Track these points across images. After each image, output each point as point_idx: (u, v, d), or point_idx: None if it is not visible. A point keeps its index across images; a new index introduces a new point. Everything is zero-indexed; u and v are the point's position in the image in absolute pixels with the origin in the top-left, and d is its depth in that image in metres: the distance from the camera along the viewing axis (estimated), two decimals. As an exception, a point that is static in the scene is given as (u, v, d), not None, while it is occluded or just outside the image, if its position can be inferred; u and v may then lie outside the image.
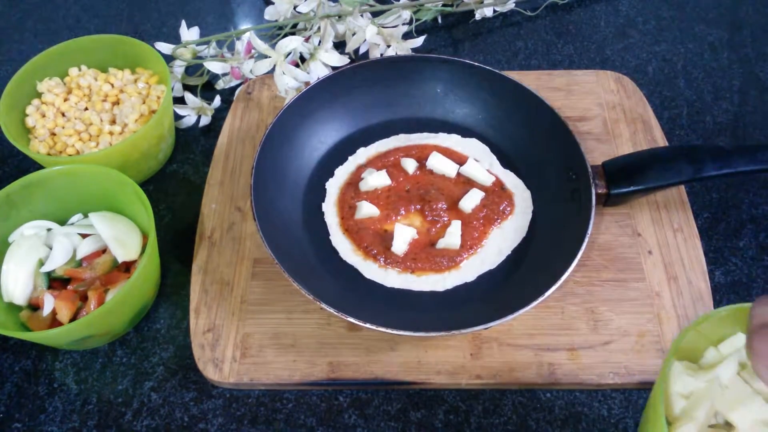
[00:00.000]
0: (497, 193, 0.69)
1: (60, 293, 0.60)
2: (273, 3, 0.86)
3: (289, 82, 0.77)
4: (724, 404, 0.46)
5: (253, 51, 0.80)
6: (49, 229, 0.64)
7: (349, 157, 0.73)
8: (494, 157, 0.73)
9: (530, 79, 0.80)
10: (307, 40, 0.81)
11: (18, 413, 0.59)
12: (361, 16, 0.83)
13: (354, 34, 0.83)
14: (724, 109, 0.81)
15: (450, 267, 0.64)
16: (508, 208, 0.68)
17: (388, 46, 0.84)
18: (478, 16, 0.91)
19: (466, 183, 0.70)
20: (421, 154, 0.72)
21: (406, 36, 0.85)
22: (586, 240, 0.59)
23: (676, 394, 0.47)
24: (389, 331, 0.55)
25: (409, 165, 0.71)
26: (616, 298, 0.63)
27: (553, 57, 0.87)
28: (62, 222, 0.66)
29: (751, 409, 0.45)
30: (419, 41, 0.84)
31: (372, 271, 0.65)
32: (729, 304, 0.63)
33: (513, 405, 0.58)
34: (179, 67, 0.82)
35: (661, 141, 0.75)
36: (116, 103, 0.74)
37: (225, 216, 0.70)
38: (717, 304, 0.63)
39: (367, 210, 0.67)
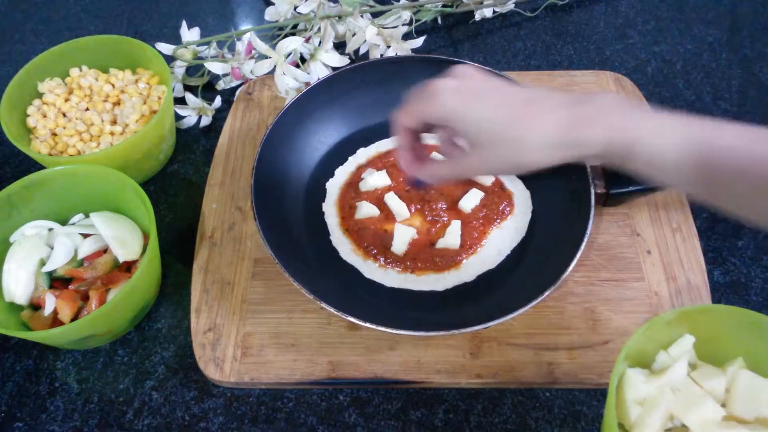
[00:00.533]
0: (497, 193, 0.69)
1: (61, 293, 0.60)
2: (273, 4, 0.87)
3: (290, 83, 0.78)
4: (678, 407, 0.46)
5: (253, 51, 0.80)
6: (50, 229, 0.64)
7: (349, 157, 0.73)
8: (494, 158, 0.73)
9: (530, 80, 0.81)
10: (307, 40, 0.81)
11: (19, 412, 0.59)
12: (361, 16, 0.83)
13: (354, 35, 0.83)
14: (723, 109, 0.81)
15: (450, 267, 0.65)
16: (508, 208, 0.68)
17: (388, 47, 0.84)
18: (477, 16, 0.91)
19: (465, 183, 0.70)
20: (421, 155, 0.72)
21: (406, 36, 0.86)
22: (586, 240, 0.59)
23: (630, 402, 0.47)
24: (389, 330, 0.55)
25: (409, 165, 0.71)
26: (615, 298, 0.63)
27: (552, 57, 0.88)
28: (63, 222, 0.66)
29: (703, 410, 0.46)
30: (419, 42, 0.85)
31: (372, 270, 0.65)
32: (727, 304, 0.64)
33: (512, 404, 0.59)
34: (180, 67, 0.82)
35: (660, 141, 0.75)
36: (117, 103, 0.74)
37: (226, 216, 0.70)
38: (715, 303, 0.63)
39: (367, 210, 0.68)
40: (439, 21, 0.92)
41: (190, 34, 0.83)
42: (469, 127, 0.47)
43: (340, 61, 0.80)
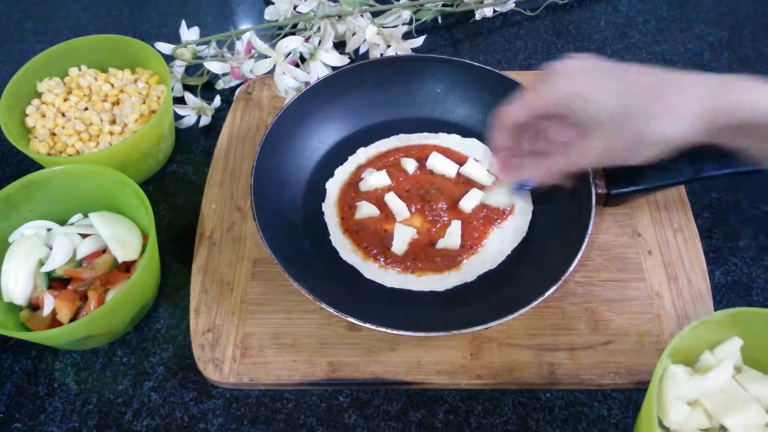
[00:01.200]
0: (497, 193, 0.69)
1: (60, 293, 0.60)
2: (273, 3, 0.86)
3: (289, 82, 0.77)
4: (719, 408, 0.46)
5: (253, 51, 0.80)
6: (49, 229, 0.64)
7: (349, 157, 0.73)
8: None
9: (530, 79, 0.80)
10: (307, 40, 0.81)
11: (18, 413, 0.59)
12: (361, 16, 0.83)
13: (354, 34, 0.83)
14: (724, 109, 0.81)
15: (450, 267, 0.64)
16: (508, 208, 0.68)
17: (388, 46, 0.84)
18: (478, 16, 0.91)
19: (466, 183, 0.70)
20: (421, 154, 0.72)
21: (406, 36, 0.85)
22: (586, 240, 0.59)
23: (670, 398, 0.47)
24: (389, 331, 0.55)
25: (409, 165, 0.71)
26: (616, 298, 0.63)
27: (553, 57, 0.87)
28: (62, 222, 0.66)
29: (746, 414, 0.45)
30: (419, 41, 0.84)
31: (372, 271, 0.65)
32: (729, 305, 0.64)
33: (513, 405, 0.58)
34: (179, 67, 0.82)
35: (661, 141, 0.75)
36: (116, 103, 0.74)
37: (225, 216, 0.70)
38: (717, 304, 0.63)
39: (367, 210, 0.67)
40: (440, 20, 0.92)
41: (189, 34, 0.82)
42: (597, 106, 0.46)
43: (339, 60, 0.80)
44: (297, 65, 0.79)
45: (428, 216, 0.67)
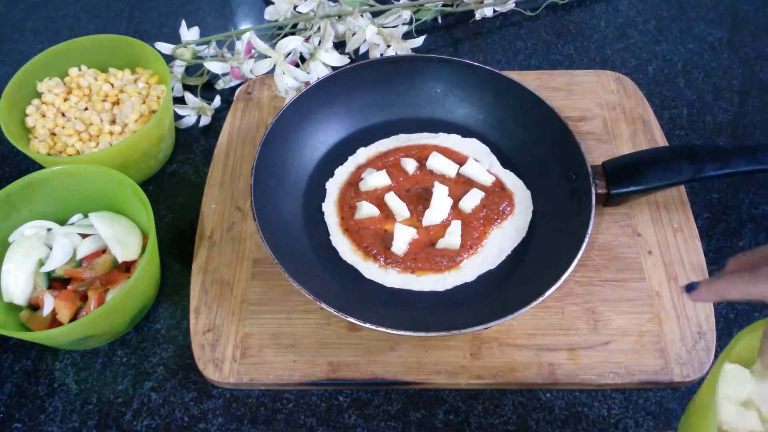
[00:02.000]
0: (497, 193, 0.69)
1: (60, 293, 0.60)
2: (273, 3, 0.86)
3: (289, 82, 0.77)
4: None
5: (253, 51, 0.80)
6: (49, 229, 0.64)
7: (349, 157, 0.73)
8: (494, 157, 0.73)
9: (530, 79, 0.80)
10: (307, 40, 0.81)
11: (18, 413, 0.59)
12: (361, 16, 0.83)
13: (354, 34, 0.83)
14: (724, 109, 0.81)
15: (450, 267, 0.64)
16: (508, 208, 0.68)
17: (388, 46, 0.84)
18: (478, 16, 0.91)
19: (466, 183, 0.70)
20: (421, 154, 0.72)
21: (406, 36, 0.85)
22: (586, 240, 0.59)
23: (724, 399, 0.45)
24: (389, 331, 0.55)
25: (409, 165, 0.71)
26: (616, 298, 0.63)
27: (553, 57, 0.87)
28: (62, 222, 0.66)
29: None
30: (419, 41, 0.84)
31: (372, 271, 0.65)
32: (728, 305, 0.63)
33: (513, 405, 0.58)
34: (179, 67, 0.82)
35: (661, 141, 0.75)
36: (116, 103, 0.74)
37: (225, 216, 0.70)
38: (717, 304, 0.63)
39: (367, 210, 0.67)
40: (440, 20, 0.92)
41: (189, 34, 0.82)
42: None
43: (339, 60, 0.80)
44: (297, 65, 0.79)
45: (428, 216, 0.67)
